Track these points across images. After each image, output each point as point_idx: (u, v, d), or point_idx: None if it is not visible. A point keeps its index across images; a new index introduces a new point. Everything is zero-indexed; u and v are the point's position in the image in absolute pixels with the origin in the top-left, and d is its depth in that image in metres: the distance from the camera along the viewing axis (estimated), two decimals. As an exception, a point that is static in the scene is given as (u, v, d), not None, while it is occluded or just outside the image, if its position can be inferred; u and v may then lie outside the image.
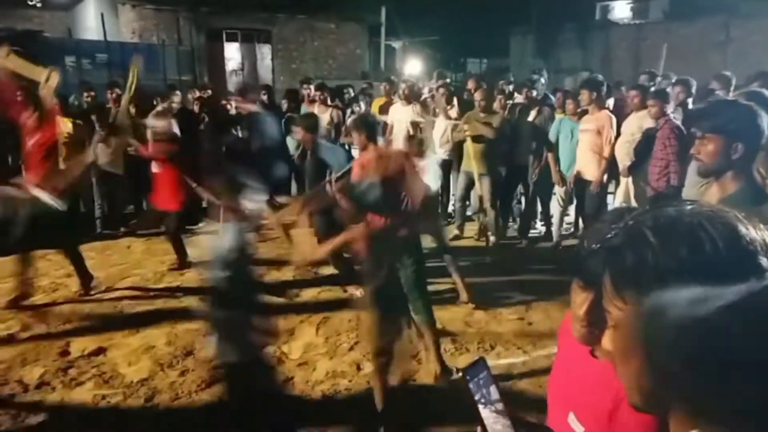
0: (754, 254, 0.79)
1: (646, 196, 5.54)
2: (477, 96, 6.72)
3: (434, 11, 21.77)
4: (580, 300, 1.37)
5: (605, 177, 6.26)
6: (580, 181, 6.40)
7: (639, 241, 0.86)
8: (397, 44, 21.19)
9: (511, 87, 8.33)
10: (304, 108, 8.48)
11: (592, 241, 1.17)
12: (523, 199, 7.69)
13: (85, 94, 8.27)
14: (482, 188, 6.68)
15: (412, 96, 7.72)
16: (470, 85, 8.64)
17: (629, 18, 19.92)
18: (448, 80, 8.19)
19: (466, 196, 7.20)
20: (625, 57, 17.81)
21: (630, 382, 0.90)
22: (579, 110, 6.41)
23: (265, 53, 17.65)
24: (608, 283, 0.91)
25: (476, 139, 6.53)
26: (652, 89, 6.23)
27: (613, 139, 6.06)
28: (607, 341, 0.93)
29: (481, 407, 1.16)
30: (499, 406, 1.18)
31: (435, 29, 22.75)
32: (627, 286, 0.88)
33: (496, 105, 7.17)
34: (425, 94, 8.59)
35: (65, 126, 5.91)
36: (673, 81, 6.93)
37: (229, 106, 8.40)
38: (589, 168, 6.23)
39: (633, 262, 0.86)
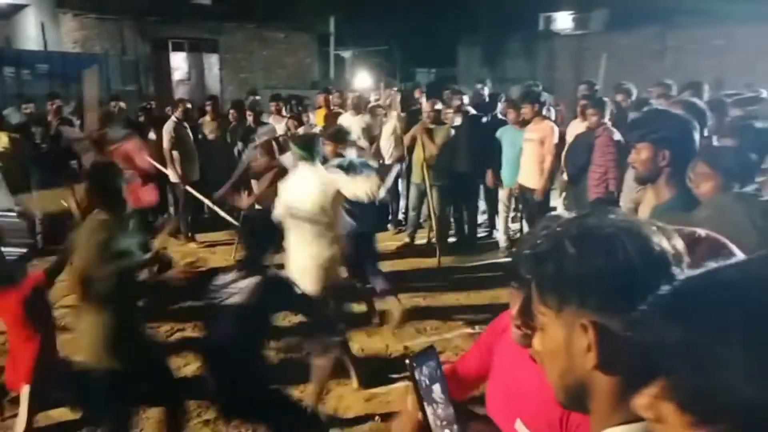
0: (667, 264, 0.85)
1: (584, 203, 5.72)
2: (426, 107, 6.82)
3: (383, 22, 21.93)
4: (513, 302, 1.43)
5: (548, 186, 6.43)
6: (524, 190, 6.56)
7: (560, 250, 0.91)
8: (346, 54, 21.27)
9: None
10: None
11: (524, 248, 1.21)
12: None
13: (24, 106, 8.02)
14: (432, 198, 6.79)
15: (361, 106, 7.80)
16: (417, 94, 8.77)
17: (571, 28, 20.44)
18: (396, 89, 8.28)
19: (418, 206, 7.27)
20: (567, 66, 18.30)
21: (555, 381, 0.96)
22: (521, 119, 6.58)
23: (212, 63, 17.43)
24: (534, 289, 0.97)
25: (425, 150, 6.64)
26: (584, 99, 6.48)
27: (554, 148, 6.24)
28: (537, 342, 0.99)
29: (425, 396, 1.15)
30: (444, 396, 1.17)
31: (384, 39, 22.88)
32: (549, 293, 0.93)
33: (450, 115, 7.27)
34: (372, 102, 8.66)
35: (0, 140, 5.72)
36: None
37: None
38: (532, 177, 6.39)
39: (553, 270, 0.91)
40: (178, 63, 17.08)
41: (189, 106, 7.79)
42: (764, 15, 13.86)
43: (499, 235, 7.16)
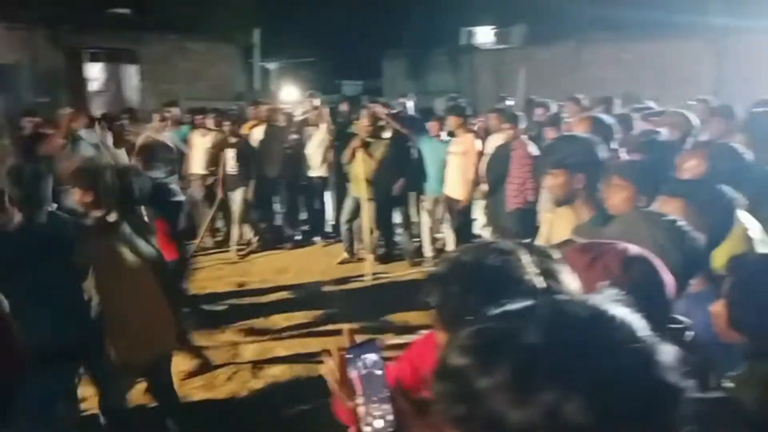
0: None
1: (503, 213, 5.93)
2: (365, 121, 6.82)
3: (308, 34, 21.92)
4: None
5: (471, 197, 6.58)
6: (449, 201, 6.70)
7: (448, 280, 0.99)
8: (271, 66, 21.08)
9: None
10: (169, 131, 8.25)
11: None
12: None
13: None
14: (368, 211, 6.81)
15: (275, 118, 7.79)
16: (344, 107, 8.78)
17: (492, 43, 21.10)
18: (318, 101, 8.27)
19: (353, 220, 7.22)
20: (488, 80, 18.86)
21: None
22: (444, 131, 6.73)
23: (131, 74, 16.88)
24: (432, 301, 1.04)
25: (364, 163, 6.66)
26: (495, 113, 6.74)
27: (476, 160, 6.40)
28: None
29: (364, 386, 1.13)
30: (382, 387, 1.14)
31: (310, 51, 22.85)
32: (437, 311, 1.02)
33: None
34: (298, 116, 8.62)
35: None
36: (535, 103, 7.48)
37: None
38: (457, 188, 6.54)
39: (440, 295, 1.00)
40: (95, 74, 16.45)
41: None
42: (669, 32, 14.79)
43: (425, 246, 7.27)
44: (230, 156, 7.42)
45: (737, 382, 1.70)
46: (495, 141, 6.35)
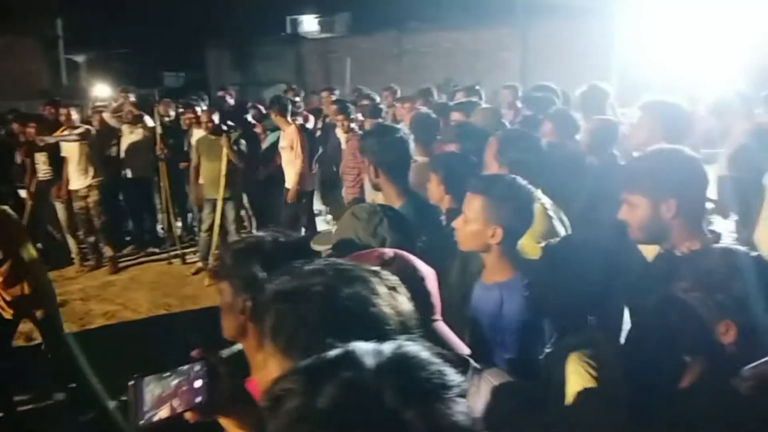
0: (390, 332, 0.88)
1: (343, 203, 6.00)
2: (203, 117, 6.53)
3: (120, 22, 20.44)
4: None
5: (299, 188, 6.46)
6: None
7: (296, 304, 0.92)
8: (80, 58, 19.37)
9: (204, 105, 8.03)
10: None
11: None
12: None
13: None
14: (226, 213, 6.48)
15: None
16: (163, 108, 8.10)
17: (317, 32, 21.14)
18: (132, 96, 7.62)
19: (212, 226, 6.62)
20: (316, 69, 18.89)
21: None
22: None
23: None
24: (267, 320, 0.96)
25: (213, 163, 6.32)
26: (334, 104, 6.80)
27: (301, 151, 6.33)
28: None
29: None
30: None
31: (124, 41, 21.29)
32: (280, 332, 0.94)
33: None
34: (106, 115, 7.92)
35: None
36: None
37: None
38: (289, 180, 6.48)
39: (286, 322, 0.92)
40: None
41: None
42: (482, 21, 15.79)
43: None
44: (41, 161, 6.74)
45: (550, 361, 1.84)
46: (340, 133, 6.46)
